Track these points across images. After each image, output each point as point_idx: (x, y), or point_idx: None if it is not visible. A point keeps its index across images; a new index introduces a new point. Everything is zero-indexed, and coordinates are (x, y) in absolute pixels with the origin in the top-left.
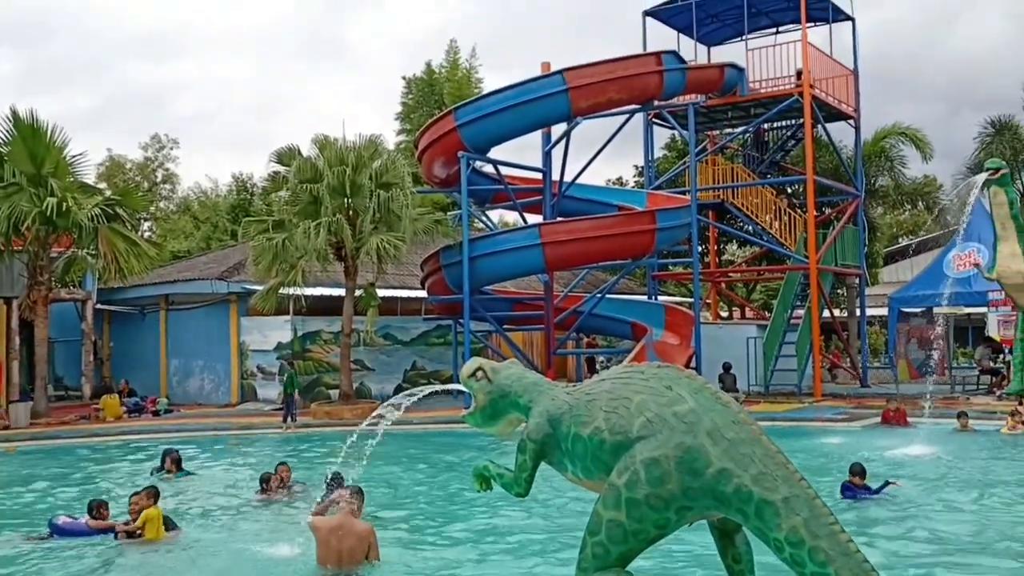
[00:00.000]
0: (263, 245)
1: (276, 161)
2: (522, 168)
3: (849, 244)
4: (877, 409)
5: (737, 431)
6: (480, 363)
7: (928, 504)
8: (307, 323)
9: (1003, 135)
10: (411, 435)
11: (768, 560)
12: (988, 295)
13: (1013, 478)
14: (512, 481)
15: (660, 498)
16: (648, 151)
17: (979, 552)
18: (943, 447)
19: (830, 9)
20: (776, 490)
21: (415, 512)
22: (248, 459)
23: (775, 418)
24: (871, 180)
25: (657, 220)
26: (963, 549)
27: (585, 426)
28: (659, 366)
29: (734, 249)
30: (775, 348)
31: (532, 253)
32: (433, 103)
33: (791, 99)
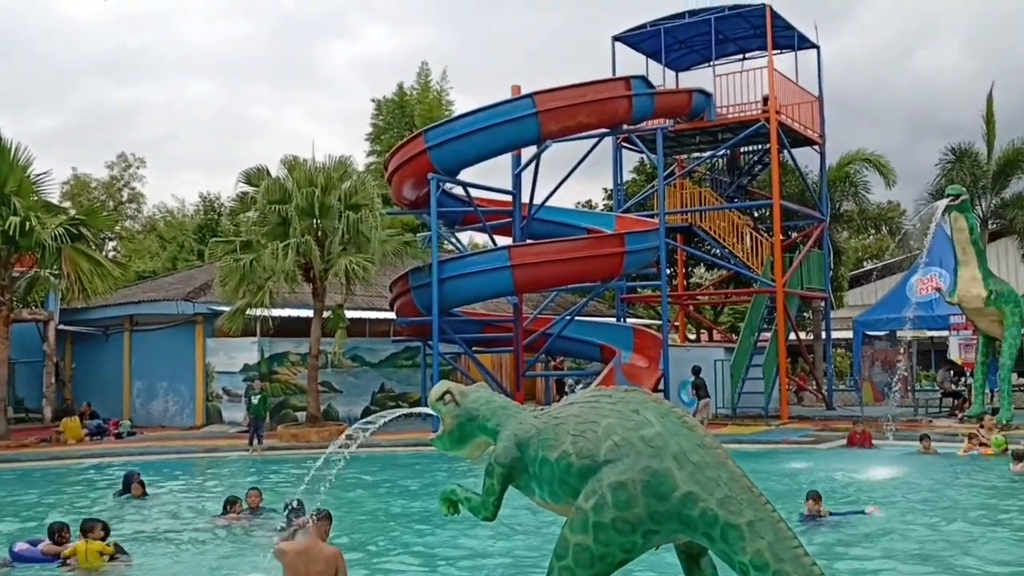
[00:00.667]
0: (230, 266)
1: (244, 181)
2: (492, 190)
3: (815, 268)
4: (842, 432)
5: (703, 455)
6: (448, 386)
7: (891, 526)
8: (274, 344)
9: (963, 162)
10: (379, 458)
11: None
12: (950, 319)
13: (971, 500)
14: (479, 505)
15: (627, 522)
16: (617, 174)
17: (939, 572)
18: (906, 469)
19: (795, 37)
20: (741, 513)
21: (383, 535)
22: (212, 483)
23: (742, 440)
24: (836, 205)
25: (626, 243)
26: (924, 569)
27: (553, 450)
28: (627, 390)
29: (702, 272)
30: (742, 371)
31: (501, 275)
32: (404, 125)
33: (758, 124)
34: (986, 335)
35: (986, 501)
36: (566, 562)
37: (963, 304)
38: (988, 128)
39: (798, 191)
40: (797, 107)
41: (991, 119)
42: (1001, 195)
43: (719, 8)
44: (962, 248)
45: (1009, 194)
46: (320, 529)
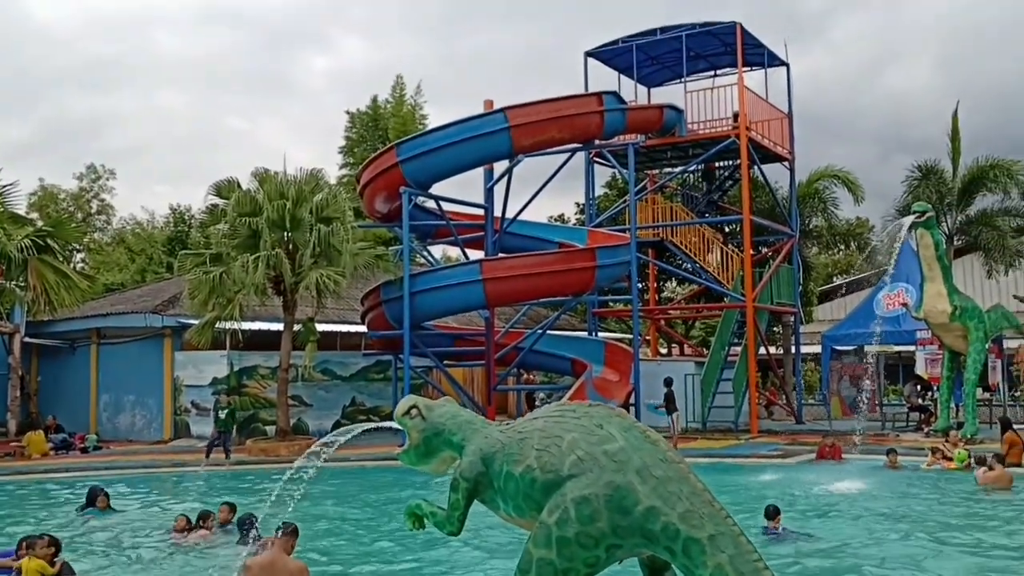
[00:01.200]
0: (200, 279)
1: (215, 194)
2: (464, 204)
3: (784, 283)
4: (811, 446)
5: (665, 469)
6: (414, 401)
7: (854, 537)
8: (244, 358)
9: (929, 179)
10: (348, 472)
11: None
12: (916, 334)
13: (930, 514)
14: (444, 519)
15: (590, 536)
16: (589, 189)
17: None
18: (871, 483)
19: (765, 55)
20: (702, 528)
21: (352, 550)
22: (179, 498)
23: (712, 454)
24: (805, 220)
25: (597, 257)
26: None
27: (517, 464)
28: (591, 405)
29: (673, 286)
30: (712, 385)
31: (473, 289)
32: (377, 138)
33: (728, 140)
34: (951, 350)
35: (945, 515)
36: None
37: (929, 319)
38: (953, 146)
39: (768, 206)
40: (767, 124)
41: (956, 137)
42: (966, 212)
43: (690, 25)
44: (928, 264)
45: (974, 211)
46: (286, 543)
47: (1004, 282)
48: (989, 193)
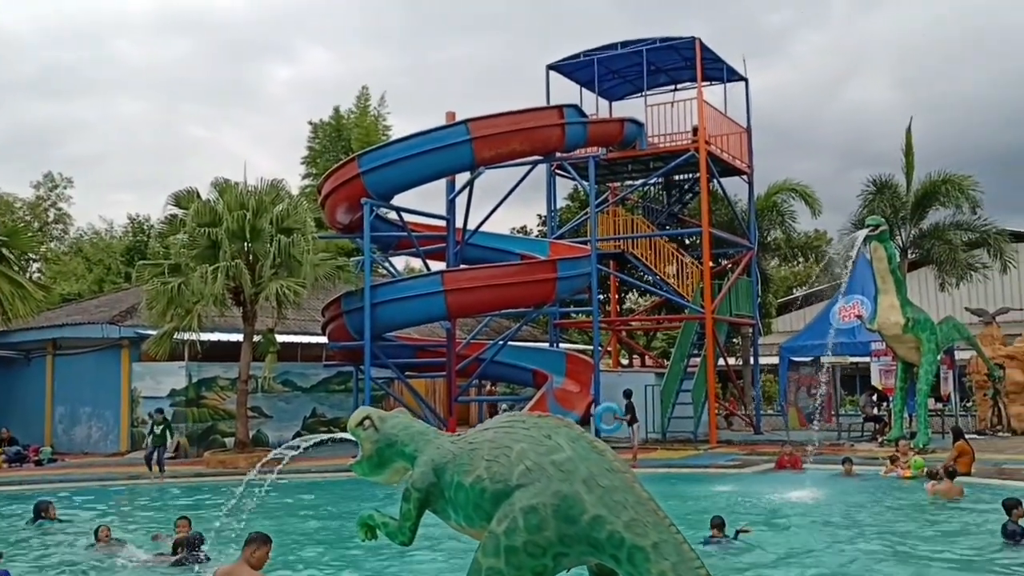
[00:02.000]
0: (158, 289)
1: (174, 204)
2: (426, 215)
3: (743, 295)
4: (769, 456)
5: (611, 479)
6: (367, 412)
7: (804, 545)
8: (203, 369)
9: (884, 193)
10: (309, 484)
11: None
12: (871, 345)
13: (881, 522)
14: (396, 530)
15: (537, 545)
16: (551, 201)
17: None
18: (827, 491)
19: (724, 70)
20: (647, 536)
21: (312, 561)
22: (132, 511)
23: (671, 465)
24: (764, 233)
25: (558, 269)
26: None
27: (468, 475)
28: (540, 415)
29: (635, 298)
30: (672, 396)
31: (434, 300)
32: (340, 148)
33: (688, 154)
34: (905, 361)
35: (896, 522)
36: None
37: (882, 331)
38: (907, 160)
39: (727, 219)
40: (726, 138)
41: (910, 152)
42: (919, 226)
43: (651, 40)
44: (881, 277)
45: (927, 225)
46: (251, 554)
47: (957, 295)
48: (941, 207)
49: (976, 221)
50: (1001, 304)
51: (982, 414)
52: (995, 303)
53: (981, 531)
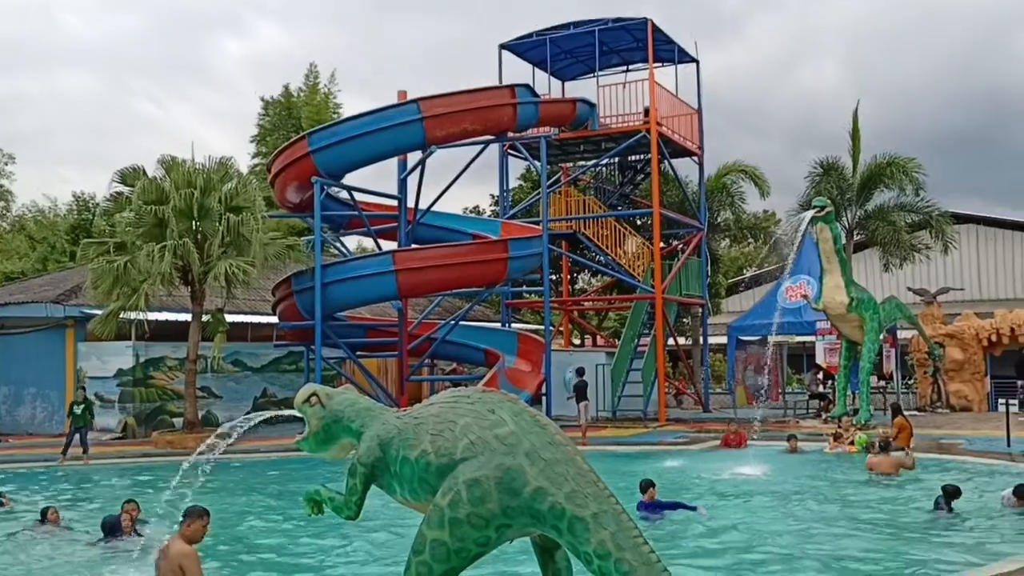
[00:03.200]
0: (103, 268)
1: (119, 181)
2: (377, 195)
3: (693, 275)
4: (716, 433)
5: (553, 452)
6: (314, 389)
7: (744, 518)
8: (150, 349)
9: (830, 175)
10: (262, 463)
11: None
12: (816, 324)
13: (822, 495)
14: (343, 504)
15: (481, 517)
16: (503, 181)
17: (792, 559)
18: (771, 466)
19: (676, 51)
20: (587, 507)
21: (260, 540)
22: (77, 492)
23: (621, 442)
24: (714, 214)
25: (510, 249)
26: (779, 556)
27: (413, 449)
28: (484, 391)
29: (587, 278)
30: (622, 374)
31: (386, 280)
32: (291, 127)
33: (639, 135)
34: (849, 340)
35: (832, 496)
36: (423, 557)
37: (828, 310)
38: (854, 143)
39: (678, 200)
40: (677, 119)
41: (857, 135)
42: (865, 207)
43: (603, 20)
44: (827, 257)
45: (872, 206)
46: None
47: (900, 275)
48: (886, 189)
49: (919, 203)
50: (942, 284)
51: (922, 391)
52: (936, 283)
53: (914, 502)
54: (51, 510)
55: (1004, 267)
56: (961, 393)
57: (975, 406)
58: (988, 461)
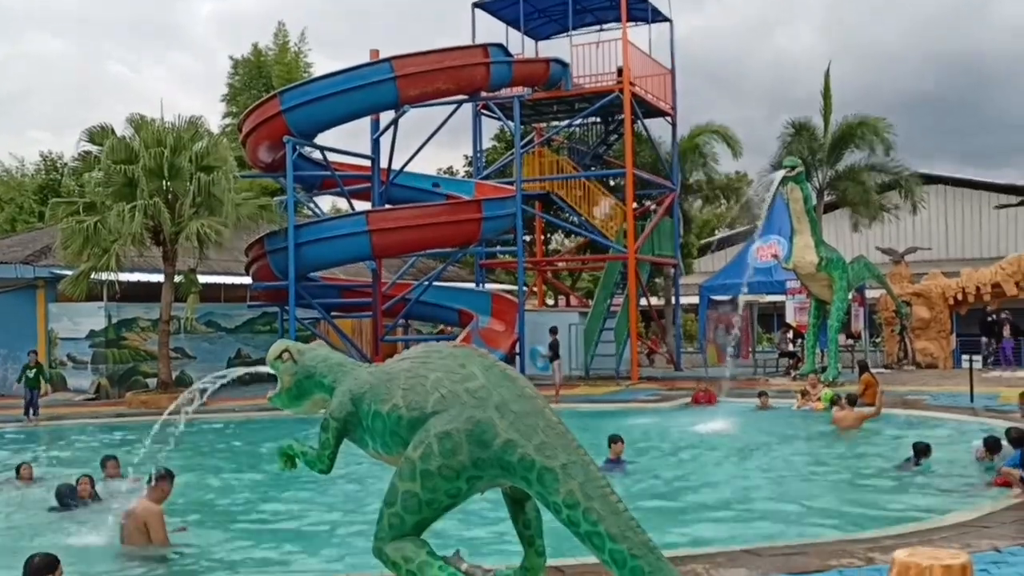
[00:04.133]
0: (73, 228)
1: (88, 140)
2: (350, 155)
3: (665, 236)
4: (688, 391)
5: (523, 404)
6: (286, 345)
7: (719, 471)
8: (123, 309)
9: (802, 136)
10: (234, 423)
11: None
12: (787, 284)
13: (799, 447)
14: (315, 459)
15: (452, 469)
16: (476, 141)
17: (760, 510)
18: (740, 423)
19: (649, 10)
20: (556, 457)
21: (233, 500)
22: (53, 453)
23: (593, 400)
24: (686, 175)
25: (483, 209)
26: (746, 507)
27: (384, 403)
28: (455, 346)
29: (561, 239)
30: (595, 334)
31: (359, 240)
32: (261, 86)
33: (612, 95)
34: (818, 299)
35: (805, 449)
36: (395, 509)
37: (797, 270)
38: (825, 103)
39: (651, 161)
40: (650, 79)
41: (828, 95)
42: (835, 167)
43: None
44: (797, 217)
45: (842, 167)
46: (155, 490)
47: (869, 235)
48: (857, 150)
49: (890, 163)
50: (910, 244)
51: (890, 349)
52: (905, 243)
53: (880, 456)
54: (24, 466)
55: (971, 227)
56: (927, 351)
57: (941, 363)
58: (952, 416)
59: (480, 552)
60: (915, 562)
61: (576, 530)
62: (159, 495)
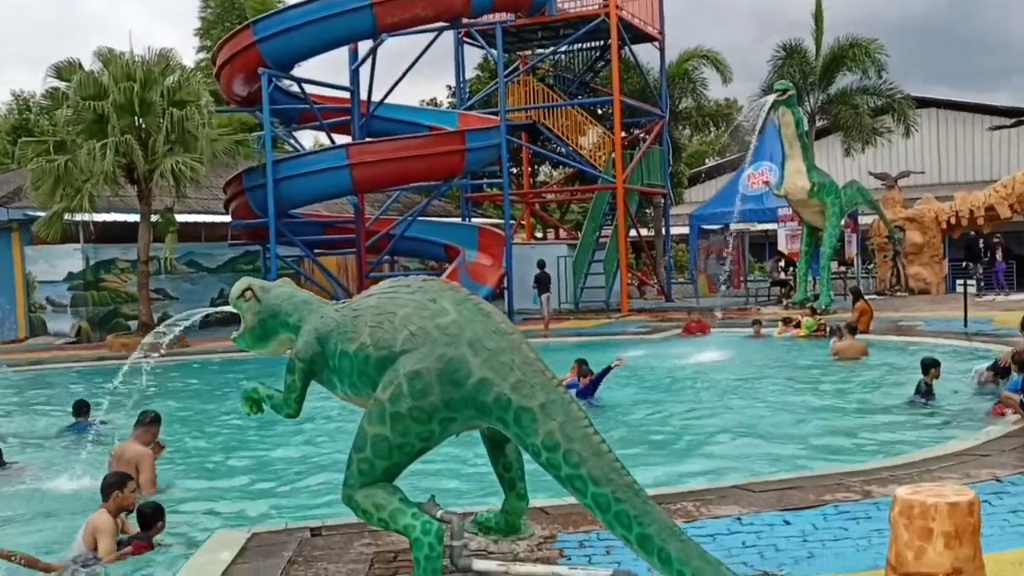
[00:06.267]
0: (43, 168)
1: (55, 76)
2: (329, 87)
3: (655, 165)
4: (678, 322)
5: (497, 341)
6: (248, 283)
7: (711, 403)
8: (100, 251)
9: (793, 58)
10: (214, 364)
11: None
12: (778, 211)
13: (794, 377)
14: (282, 402)
15: (423, 410)
16: (459, 71)
17: (754, 444)
18: (732, 352)
19: None
20: (533, 397)
21: (211, 443)
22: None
23: (583, 333)
24: (675, 102)
25: (467, 141)
26: (739, 439)
27: (351, 342)
28: (425, 279)
29: (549, 171)
30: (584, 266)
31: (340, 175)
32: (235, 18)
33: (598, 19)
34: (810, 226)
35: (798, 379)
36: (365, 454)
37: (789, 196)
38: (817, 25)
39: (639, 88)
40: (637, 2)
41: (820, 17)
42: (827, 91)
43: None
44: (788, 142)
45: (835, 90)
46: (143, 433)
47: (861, 160)
48: (849, 72)
49: (882, 85)
50: (903, 168)
51: (882, 275)
52: (897, 168)
53: (881, 385)
54: None
55: (964, 150)
56: (920, 276)
57: (933, 288)
58: (947, 341)
59: (458, 497)
60: (919, 500)
61: (557, 473)
62: (148, 438)
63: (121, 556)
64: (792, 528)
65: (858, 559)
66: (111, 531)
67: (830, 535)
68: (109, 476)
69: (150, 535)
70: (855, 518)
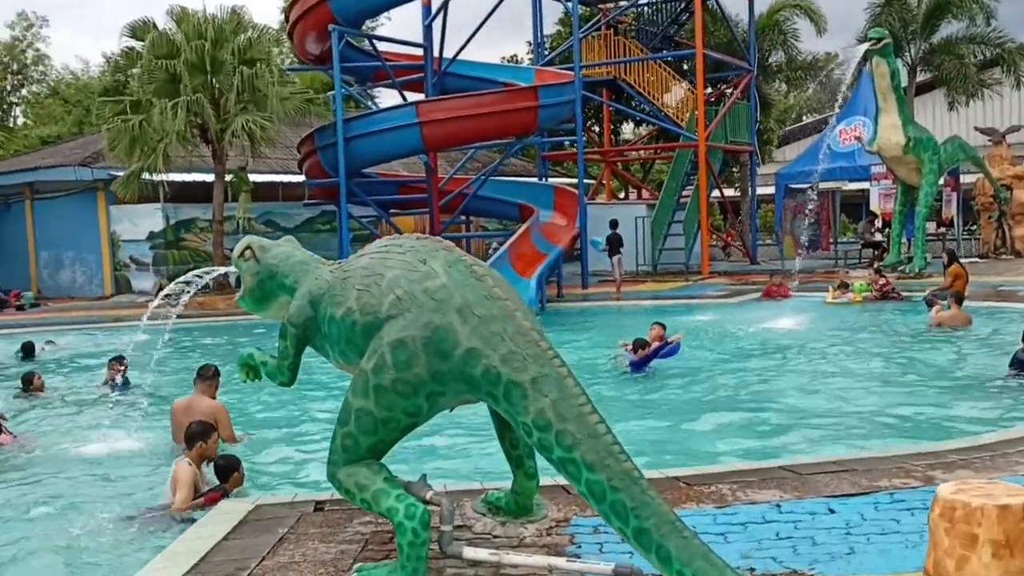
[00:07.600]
0: (119, 127)
1: (129, 35)
2: (402, 43)
3: (741, 121)
4: (758, 285)
5: (489, 307)
6: (249, 242)
7: (774, 373)
8: (180, 211)
9: (892, 6)
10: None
11: None
12: (871, 169)
13: (881, 345)
14: (275, 370)
15: (408, 383)
16: (537, 26)
17: (814, 419)
18: (811, 318)
19: None
20: (525, 370)
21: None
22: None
23: (659, 296)
24: (765, 55)
25: (539, 97)
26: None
27: (339, 306)
28: (419, 238)
29: (632, 128)
30: (663, 227)
31: (409, 133)
32: None
33: None
34: (905, 184)
35: (889, 349)
36: (348, 428)
37: (883, 152)
38: None
39: (726, 41)
40: None
41: None
42: (930, 41)
43: None
44: (883, 95)
45: (938, 40)
46: (206, 386)
47: (965, 114)
48: (954, 20)
49: (991, 34)
50: (1012, 123)
51: (986, 237)
52: (1006, 122)
53: (970, 356)
54: (36, 375)
55: None
56: None
57: None
58: None
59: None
60: (962, 500)
61: (549, 456)
62: (212, 392)
63: (193, 507)
64: (836, 518)
65: (905, 558)
66: (189, 481)
67: (878, 528)
68: (193, 424)
69: (227, 487)
70: (910, 508)
